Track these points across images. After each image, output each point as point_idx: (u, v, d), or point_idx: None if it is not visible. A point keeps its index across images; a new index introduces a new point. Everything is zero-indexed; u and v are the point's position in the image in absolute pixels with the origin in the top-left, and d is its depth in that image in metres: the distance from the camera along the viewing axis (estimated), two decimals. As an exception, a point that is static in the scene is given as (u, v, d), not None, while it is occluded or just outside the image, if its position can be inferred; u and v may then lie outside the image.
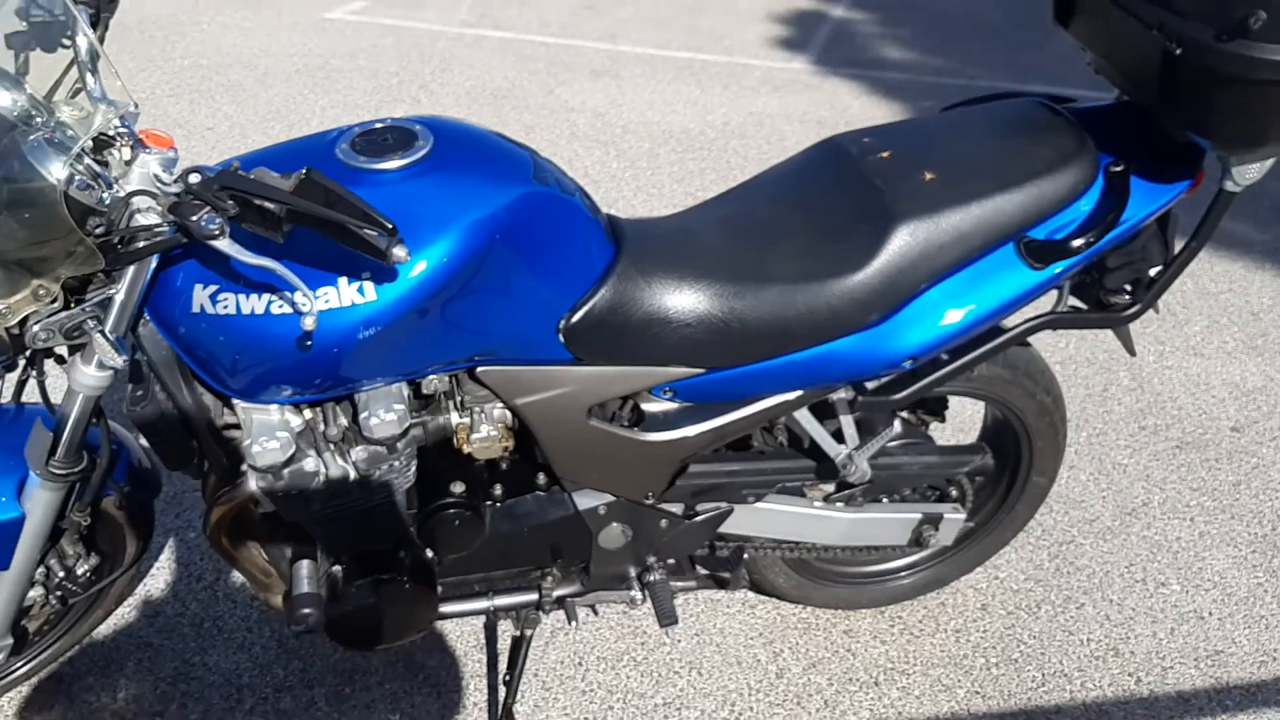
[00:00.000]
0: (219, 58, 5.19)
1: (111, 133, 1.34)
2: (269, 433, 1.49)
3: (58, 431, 1.50)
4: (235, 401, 1.51)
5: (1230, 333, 3.33)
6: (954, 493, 2.05)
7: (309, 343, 1.40)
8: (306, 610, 1.60)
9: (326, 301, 1.39)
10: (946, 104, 1.95)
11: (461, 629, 2.14)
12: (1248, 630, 2.24)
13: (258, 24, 5.83)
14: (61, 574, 1.76)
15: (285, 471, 1.53)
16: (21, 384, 1.71)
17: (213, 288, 1.39)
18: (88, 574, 1.80)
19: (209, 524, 1.63)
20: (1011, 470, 2.11)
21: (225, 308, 1.39)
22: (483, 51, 5.59)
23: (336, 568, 1.68)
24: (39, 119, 1.33)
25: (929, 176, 1.66)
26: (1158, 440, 2.81)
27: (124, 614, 2.14)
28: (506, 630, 2.13)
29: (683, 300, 1.60)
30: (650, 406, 1.72)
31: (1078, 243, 1.62)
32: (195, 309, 1.40)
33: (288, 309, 1.38)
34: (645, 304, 1.59)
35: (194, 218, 1.23)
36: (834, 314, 1.62)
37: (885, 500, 2.01)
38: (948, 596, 2.28)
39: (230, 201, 1.23)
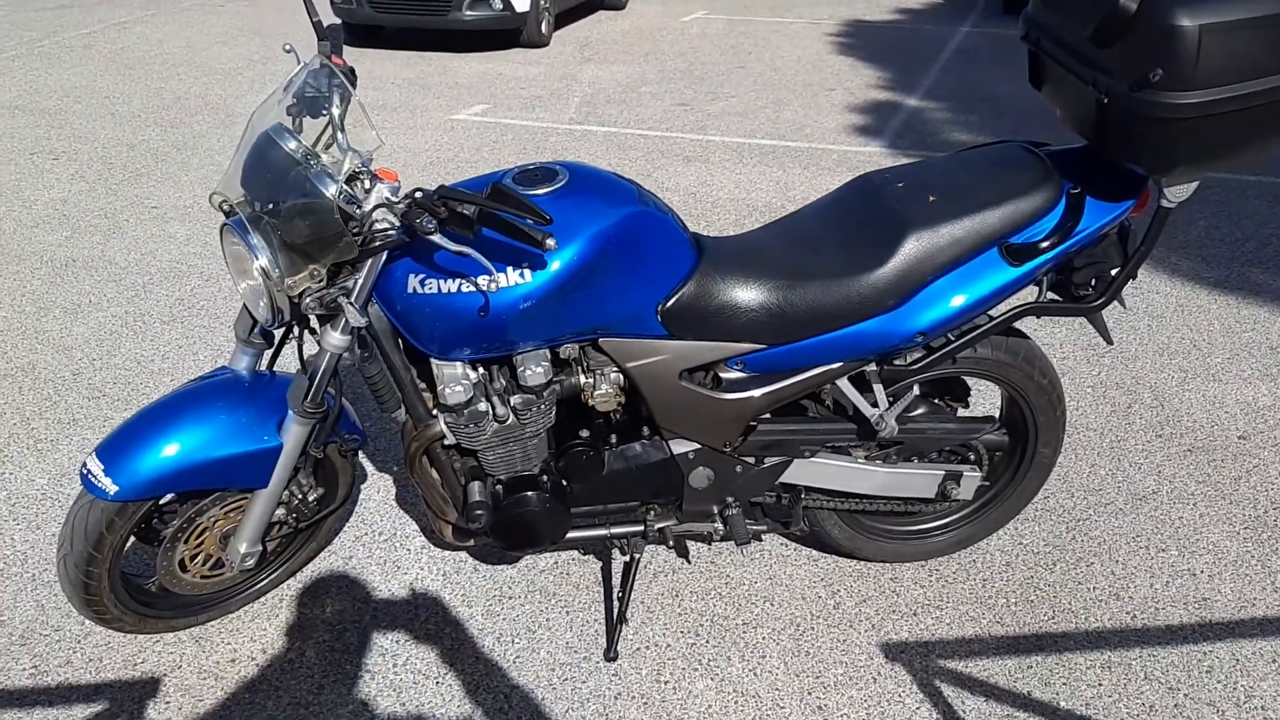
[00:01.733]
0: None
1: (358, 169, 2.02)
2: (455, 381, 2.13)
3: (310, 380, 2.15)
4: (431, 360, 2.15)
5: (1248, 363, 3.78)
6: (973, 457, 2.59)
7: (485, 312, 2.03)
8: (479, 512, 2.22)
9: (498, 283, 2.02)
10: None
11: (583, 569, 2.72)
12: (1233, 584, 2.69)
13: (394, 125, 6.71)
14: (298, 498, 2.40)
15: (465, 411, 2.16)
16: (274, 358, 2.39)
17: (421, 275, 2.04)
18: (315, 503, 2.44)
19: (408, 456, 2.26)
20: (1022, 443, 2.63)
21: (429, 289, 2.04)
22: (589, 143, 6.36)
23: (499, 487, 2.29)
24: (311, 160, 2.02)
25: (932, 199, 2.25)
26: (1171, 445, 3.28)
27: (327, 555, 2.77)
28: (618, 568, 2.70)
29: (748, 292, 2.20)
30: (726, 374, 2.31)
31: (1045, 245, 2.18)
32: (409, 290, 2.04)
33: (471, 289, 2.02)
34: (720, 294, 2.19)
35: (416, 220, 1.88)
36: (862, 300, 2.20)
37: (915, 460, 2.55)
38: (977, 555, 2.79)
39: (442, 208, 1.88)
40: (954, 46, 9.48)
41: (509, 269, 2.01)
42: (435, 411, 2.21)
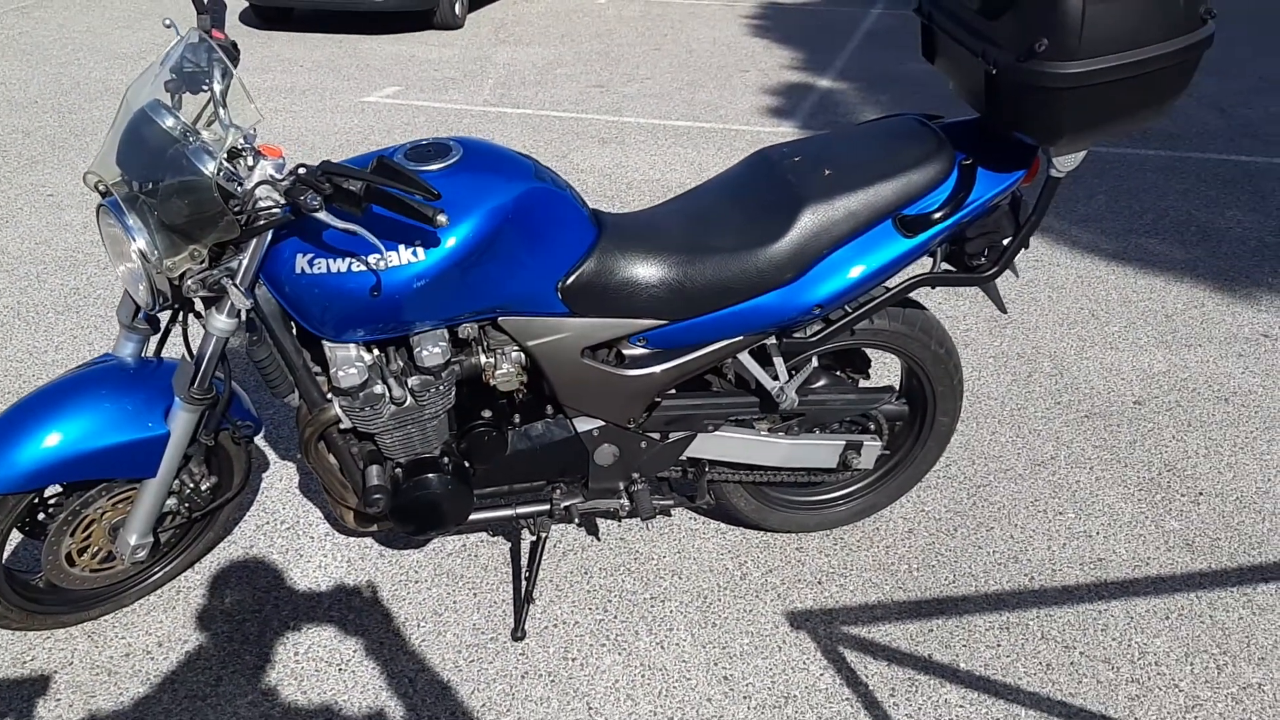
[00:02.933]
0: (269, 136, 5.93)
1: (240, 146, 1.97)
2: (349, 364, 2.09)
3: (196, 365, 2.10)
4: (324, 342, 2.11)
5: (1144, 330, 3.89)
6: (873, 426, 2.62)
7: (377, 292, 2.00)
8: (377, 496, 2.19)
9: (390, 261, 1.99)
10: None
11: (491, 550, 2.70)
12: (1127, 545, 2.77)
13: (304, 108, 6.59)
14: (190, 487, 2.34)
15: (361, 394, 2.12)
16: (160, 344, 2.33)
17: (309, 254, 2.00)
18: (208, 492, 2.39)
19: (303, 441, 2.22)
20: (921, 412, 2.67)
21: (318, 269, 2.00)
22: (504, 125, 6.30)
23: (397, 470, 2.26)
24: (189, 137, 1.96)
25: (828, 173, 2.27)
26: (1069, 411, 3.36)
27: (227, 545, 2.71)
28: (526, 549, 2.69)
29: (648, 268, 2.20)
30: (629, 351, 2.30)
31: (938, 215, 2.21)
32: (297, 271, 2.00)
33: (362, 268, 1.99)
34: (621, 270, 2.18)
35: (301, 197, 1.84)
36: (760, 274, 2.21)
37: (816, 431, 2.57)
38: (881, 523, 2.83)
39: (327, 184, 1.84)
40: (866, 28, 9.57)
41: (400, 247, 1.98)
42: (330, 395, 2.17)
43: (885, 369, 3.54)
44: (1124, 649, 2.43)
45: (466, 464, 2.33)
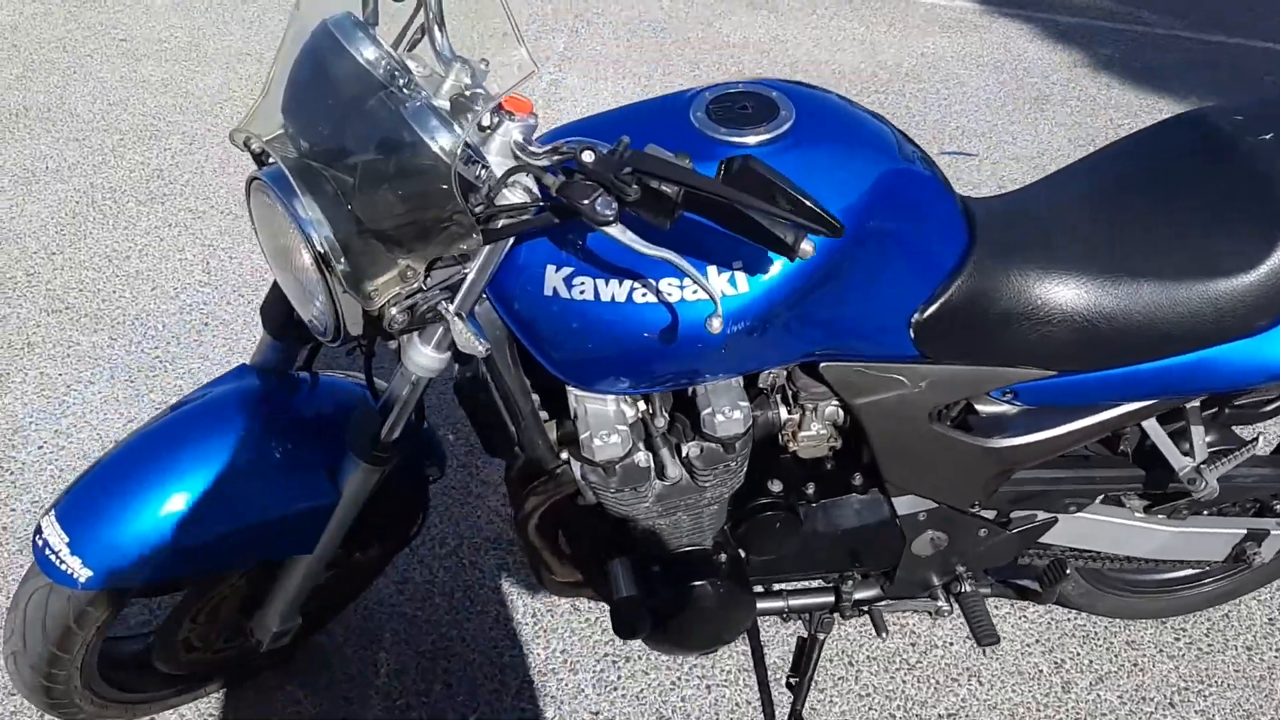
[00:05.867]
0: None
1: (465, 93, 1.21)
2: (608, 426, 1.38)
3: (385, 412, 1.39)
4: (570, 390, 1.40)
5: None
6: (1278, 507, 1.88)
7: (671, 336, 1.27)
8: (637, 618, 1.50)
9: (695, 293, 1.26)
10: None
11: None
12: None
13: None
14: (355, 555, 1.68)
15: (619, 468, 1.42)
16: (314, 352, 1.62)
17: (567, 270, 1.27)
18: (374, 554, 1.72)
19: (522, 513, 1.53)
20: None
21: (582, 293, 1.27)
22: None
23: (655, 568, 1.56)
24: (401, 79, 1.20)
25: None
26: None
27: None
28: (777, 629, 2.02)
29: (1046, 296, 1.44)
30: (986, 409, 1.57)
31: None
32: (547, 292, 1.28)
33: (650, 298, 1.26)
34: (1005, 298, 1.44)
35: (586, 200, 1.10)
36: (1219, 318, 1.45)
37: (1206, 514, 1.84)
38: (1230, 608, 2.12)
39: (634, 186, 1.09)
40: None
41: (711, 272, 1.26)
42: (566, 457, 1.48)
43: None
44: None
45: (742, 553, 1.63)
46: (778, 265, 1.27)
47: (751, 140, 1.31)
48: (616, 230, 1.12)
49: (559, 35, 4.57)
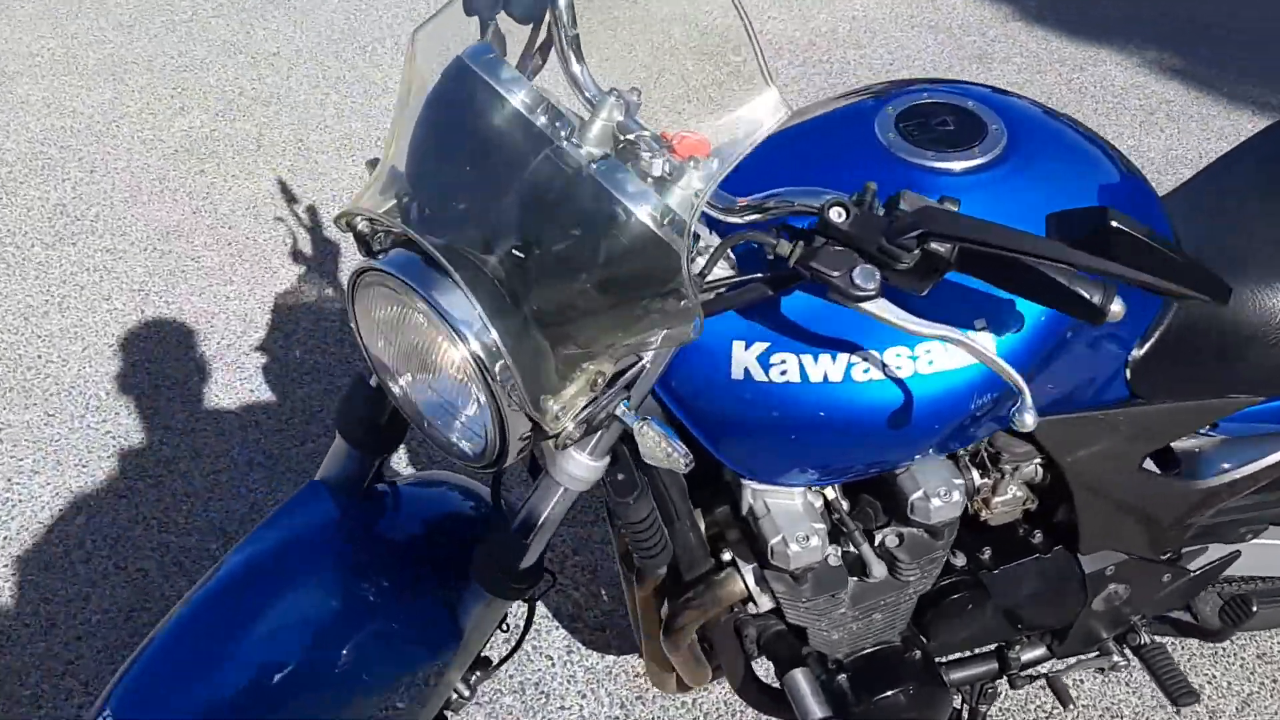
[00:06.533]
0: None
1: (629, 136, 0.93)
2: (802, 526, 1.14)
3: (524, 533, 1.10)
4: (746, 485, 1.14)
5: None
6: None
7: (909, 417, 1.03)
8: (831, 731, 1.25)
9: (930, 364, 1.02)
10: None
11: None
12: None
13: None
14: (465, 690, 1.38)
15: (810, 575, 1.17)
16: (383, 461, 1.29)
17: (761, 346, 1.03)
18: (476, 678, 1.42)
19: (676, 629, 1.27)
20: None
21: (784, 373, 1.03)
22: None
23: (841, 676, 1.31)
24: (562, 129, 0.91)
25: None
26: None
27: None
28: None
29: (1265, 313, 1.25)
30: (1187, 445, 1.37)
31: None
32: (735, 375, 1.04)
33: (877, 374, 1.02)
34: (1222, 319, 1.24)
35: (838, 272, 0.85)
36: None
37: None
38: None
39: (914, 248, 0.84)
40: None
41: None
42: (728, 557, 1.22)
43: None
44: None
45: (926, 639, 1.40)
46: (1028, 325, 1.04)
47: (959, 166, 1.07)
48: (877, 306, 0.87)
49: None
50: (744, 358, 1.05)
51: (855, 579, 1.22)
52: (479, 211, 0.91)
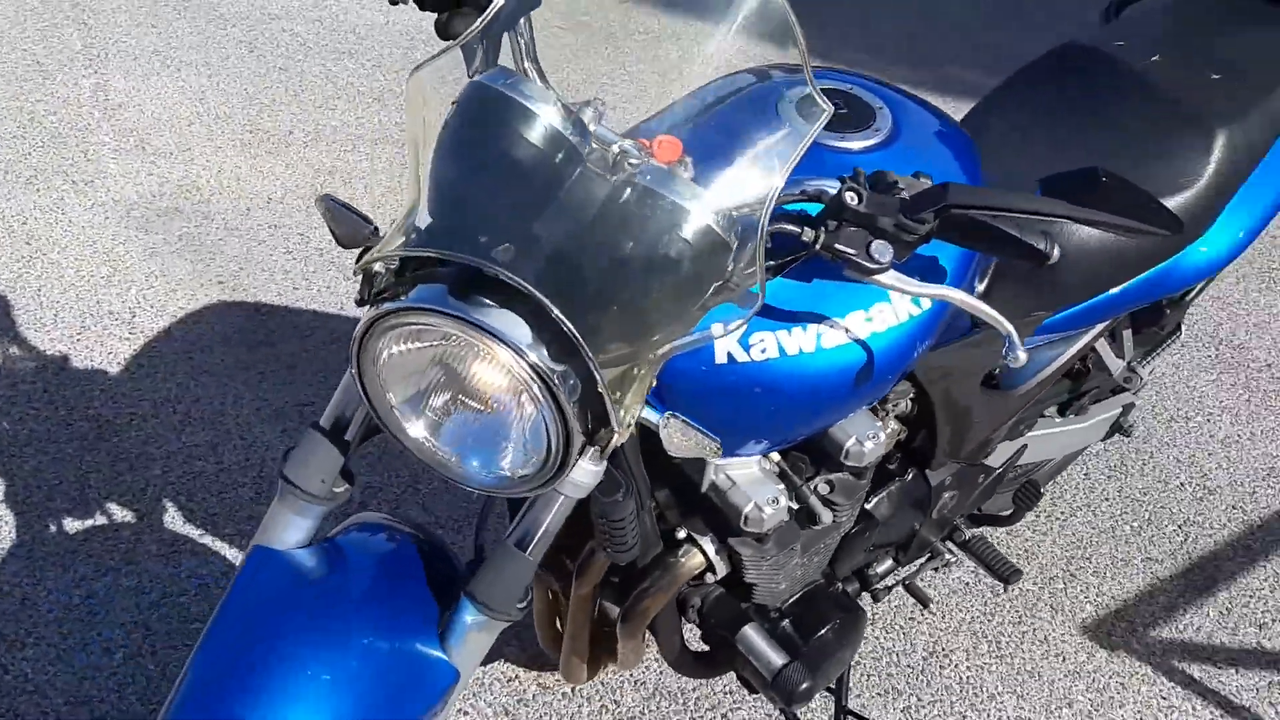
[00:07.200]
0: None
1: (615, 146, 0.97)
2: (769, 490, 1.24)
3: (524, 549, 1.09)
4: (711, 461, 1.22)
5: None
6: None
7: (871, 374, 1.15)
8: (803, 684, 1.35)
9: (885, 323, 1.15)
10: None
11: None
12: None
13: None
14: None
15: (776, 532, 1.26)
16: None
17: (753, 330, 1.12)
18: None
19: (637, 614, 1.31)
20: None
21: (764, 351, 1.12)
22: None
23: (785, 623, 1.41)
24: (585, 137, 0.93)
25: (1215, 77, 1.67)
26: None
27: None
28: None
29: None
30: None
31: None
32: (719, 359, 1.10)
33: (843, 338, 1.13)
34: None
35: (855, 249, 0.95)
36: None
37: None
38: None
39: (931, 219, 0.95)
40: None
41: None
42: (688, 535, 1.29)
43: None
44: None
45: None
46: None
47: (858, 145, 1.20)
48: (890, 277, 0.97)
49: (70, 28, 3.71)
50: (725, 342, 1.10)
51: (805, 529, 1.32)
52: (527, 227, 0.89)
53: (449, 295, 0.90)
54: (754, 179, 0.97)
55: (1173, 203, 1.55)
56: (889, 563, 1.77)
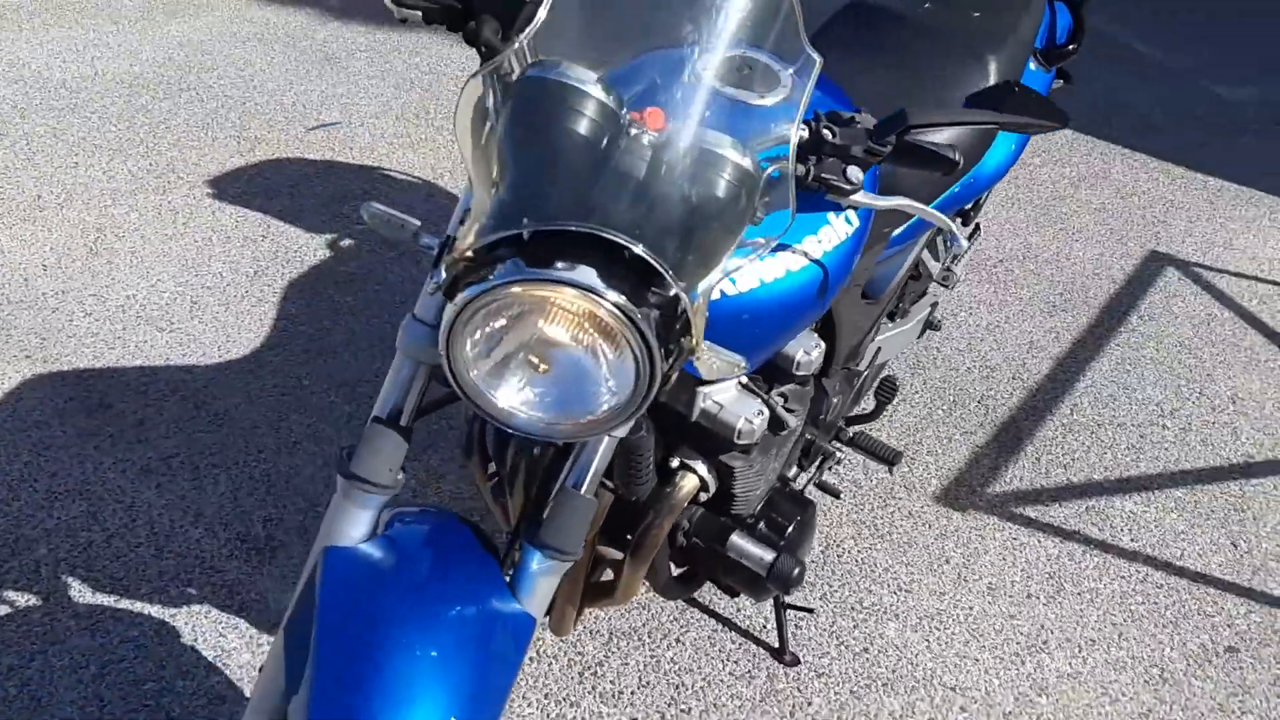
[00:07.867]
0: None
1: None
2: (752, 405, 1.42)
3: (581, 489, 1.23)
4: (699, 390, 1.39)
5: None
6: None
7: (827, 289, 1.37)
8: (795, 570, 1.54)
9: (833, 243, 1.37)
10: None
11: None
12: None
13: None
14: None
15: (759, 443, 1.45)
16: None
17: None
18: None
19: (647, 546, 1.46)
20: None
21: (748, 283, 1.30)
22: None
23: (761, 525, 1.59)
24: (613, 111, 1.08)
25: (976, 14, 2.01)
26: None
27: None
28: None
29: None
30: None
31: (1072, 46, 2.10)
32: (714, 295, 1.27)
33: (803, 261, 1.35)
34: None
35: (834, 176, 1.17)
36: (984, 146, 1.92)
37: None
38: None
39: (890, 139, 1.18)
40: None
41: (831, 216, 1.40)
42: (681, 462, 1.46)
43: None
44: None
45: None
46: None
47: (771, 101, 1.38)
48: (861, 196, 1.18)
49: None
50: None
51: (771, 431, 1.51)
52: (595, 190, 1.01)
53: (528, 267, 1.01)
54: (767, 127, 1.15)
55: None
56: (794, 468, 2.01)
